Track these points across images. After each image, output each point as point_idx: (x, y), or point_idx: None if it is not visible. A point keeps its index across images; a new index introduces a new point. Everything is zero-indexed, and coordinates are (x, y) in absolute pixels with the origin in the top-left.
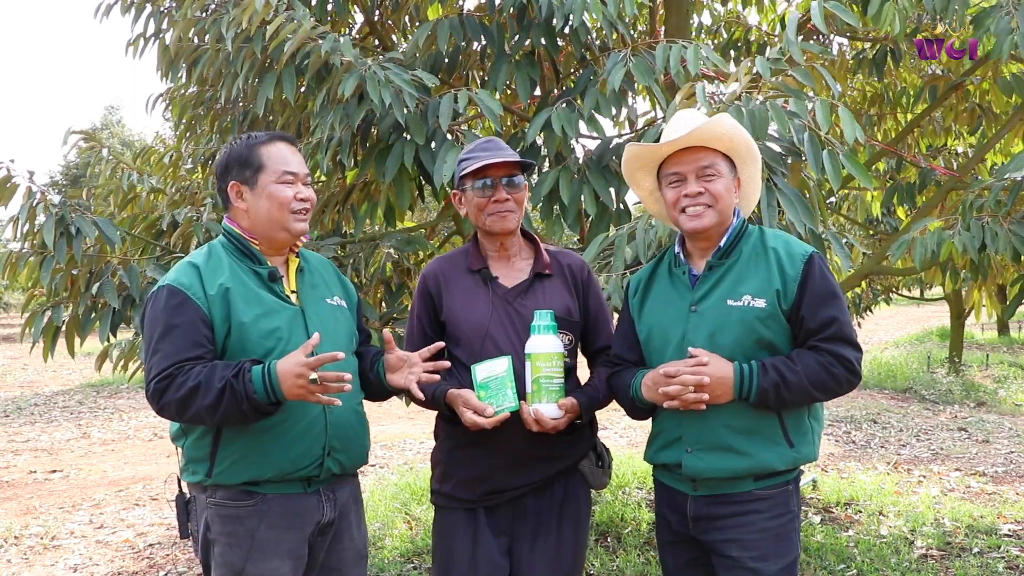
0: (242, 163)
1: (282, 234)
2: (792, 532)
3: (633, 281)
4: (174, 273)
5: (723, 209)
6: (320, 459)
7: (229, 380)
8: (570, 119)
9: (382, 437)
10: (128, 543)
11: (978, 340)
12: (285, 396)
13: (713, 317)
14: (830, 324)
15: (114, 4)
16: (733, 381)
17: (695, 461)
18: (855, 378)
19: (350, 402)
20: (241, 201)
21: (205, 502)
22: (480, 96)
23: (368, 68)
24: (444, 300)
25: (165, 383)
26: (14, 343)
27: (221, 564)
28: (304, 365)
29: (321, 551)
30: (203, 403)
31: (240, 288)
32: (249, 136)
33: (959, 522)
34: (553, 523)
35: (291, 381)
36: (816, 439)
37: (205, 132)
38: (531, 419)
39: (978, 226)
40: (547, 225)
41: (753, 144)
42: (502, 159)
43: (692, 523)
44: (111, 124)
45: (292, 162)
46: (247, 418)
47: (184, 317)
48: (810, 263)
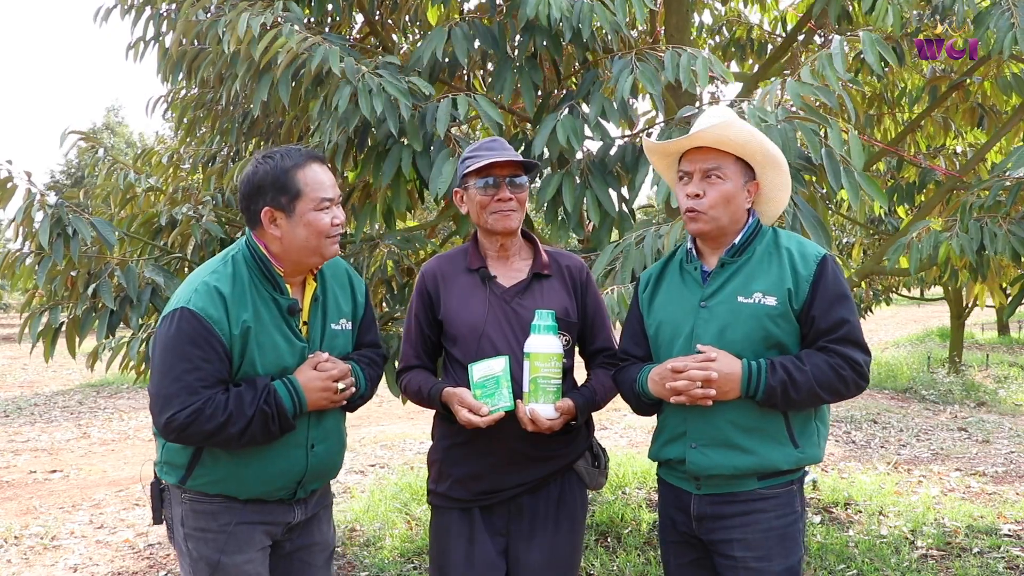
0: (277, 188)
1: (315, 259)
2: (797, 532)
3: (644, 276)
4: (200, 299)
5: (719, 215)
6: (294, 489)
7: (260, 405)
8: (575, 127)
9: (382, 437)
10: (128, 543)
11: (978, 340)
12: (309, 407)
13: (723, 313)
14: (841, 325)
15: (113, 7)
16: (741, 378)
17: (699, 457)
18: (863, 381)
19: (332, 441)
20: (275, 227)
21: (180, 496)
22: (479, 102)
23: (361, 78)
24: (442, 299)
25: (193, 417)
26: (14, 343)
27: (196, 559)
28: (330, 378)
29: (291, 543)
30: (233, 430)
31: (259, 328)
32: (282, 156)
33: (959, 522)
34: (549, 523)
35: (317, 395)
36: (822, 441)
37: (206, 133)
38: (527, 418)
39: (976, 227)
40: (552, 229)
41: (772, 150)
42: (506, 158)
43: (696, 522)
44: (112, 124)
45: (328, 187)
46: (270, 437)
47: (212, 352)
48: (823, 264)
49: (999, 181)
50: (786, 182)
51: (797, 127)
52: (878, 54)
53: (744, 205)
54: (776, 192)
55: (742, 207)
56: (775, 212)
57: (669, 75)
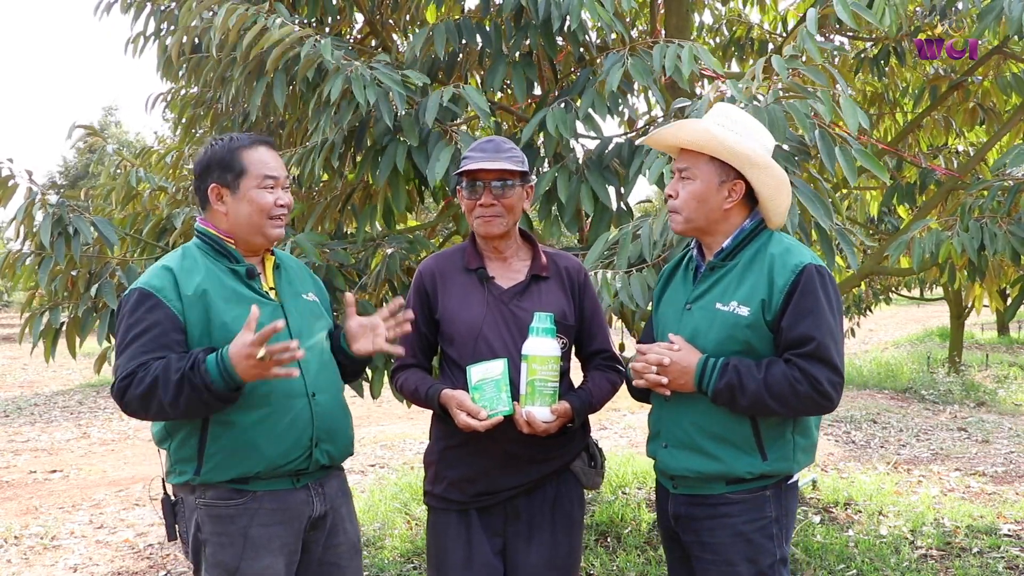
0: (224, 166)
1: (259, 238)
2: (766, 538)
3: (663, 271)
4: (145, 276)
5: (692, 216)
6: (308, 450)
7: (185, 372)
8: (565, 119)
9: (382, 437)
10: (128, 543)
11: (978, 340)
12: (242, 379)
13: (700, 318)
14: (807, 341)
15: (114, 2)
16: (695, 372)
17: (667, 457)
18: (824, 400)
19: (333, 393)
20: (221, 204)
21: (194, 503)
22: (467, 91)
23: (354, 69)
24: (440, 298)
25: (127, 382)
26: (14, 343)
27: (214, 564)
28: (251, 344)
29: (318, 546)
30: (164, 399)
31: (218, 288)
32: (231, 139)
33: (959, 522)
34: (546, 524)
35: (243, 364)
36: (798, 453)
37: (206, 132)
38: (523, 421)
39: (977, 227)
40: (545, 226)
41: (744, 149)
42: (491, 165)
43: (673, 521)
44: (108, 125)
45: (273, 167)
46: (210, 408)
47: (153, 319)
48: (801, 275)
49: (999, 181)
50: (778, 182)
51: (787, 108)
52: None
53: (723, 204)
54: (769, 192)
55: (719, 207)
56: (776, 212)
57: (656, 65)
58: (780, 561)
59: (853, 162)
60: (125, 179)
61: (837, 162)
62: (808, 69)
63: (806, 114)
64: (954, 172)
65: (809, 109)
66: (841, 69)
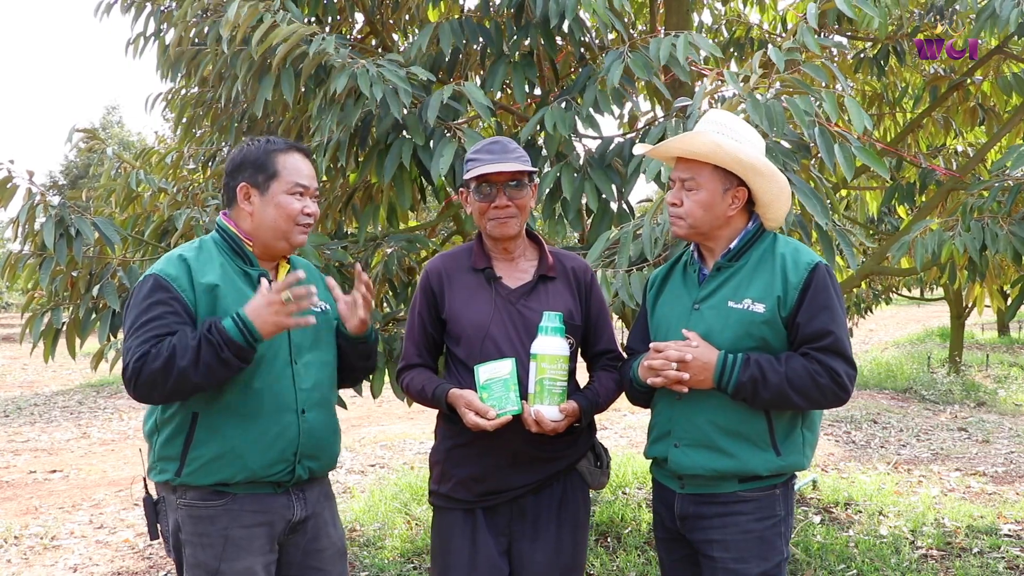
0: (257, 166)
1: (282, 244)
2: (776, 536)
3: (652, 277)
4: (161, 264)
5: (697, 222)
6: (291, 465)
7: (202, 335)
8: (564, 117)
9: (382, 437)
10: (128, 543)
11: (978, 340)
12: (261, 333)
13: (712, 317)
14: (825, 335)
15: (114, 3)
16: (715, 367)
17: (680, 456)
18: (842, 392)
19: (323, 410)
20: (248, 204)
21: (175, 503)
22: (468, 89)
23: (361, 66)
24: (446, 298)
25: (142, 361)
26: (14, 343)
27: (194, 565)
28: (275, 292)
29: (297, 550)
30: (182, 363)
31: (229, 288)
32: (268, 140)
33: (959, 522)
34: (552, 523)
35: (263, 315)
36: (807, 449)
37: (206, 133)
38: (531, 420)
39: (978, 227)
40: (549, 225)
41: (748, 158)
42: (502, 168)
43: (680, 521)
44: (110, 124)
45: (306, 175)
46: (230, 368)
47: (167, 306)
48: (814, 272)
49: (999, 182)
50: (779, 188)
51: (787, 104)
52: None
53: (727, 211)
54: (770, 198)
55: (724, 213)
56: (775, 217)
57: (652, 56)
58: (785, 560)
59: (852, 159)
60: (125, 181)
61: (836, 160)
62: (808, 66)
63: (805, 111)
64: (954, 172)
65: (809, 106)
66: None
